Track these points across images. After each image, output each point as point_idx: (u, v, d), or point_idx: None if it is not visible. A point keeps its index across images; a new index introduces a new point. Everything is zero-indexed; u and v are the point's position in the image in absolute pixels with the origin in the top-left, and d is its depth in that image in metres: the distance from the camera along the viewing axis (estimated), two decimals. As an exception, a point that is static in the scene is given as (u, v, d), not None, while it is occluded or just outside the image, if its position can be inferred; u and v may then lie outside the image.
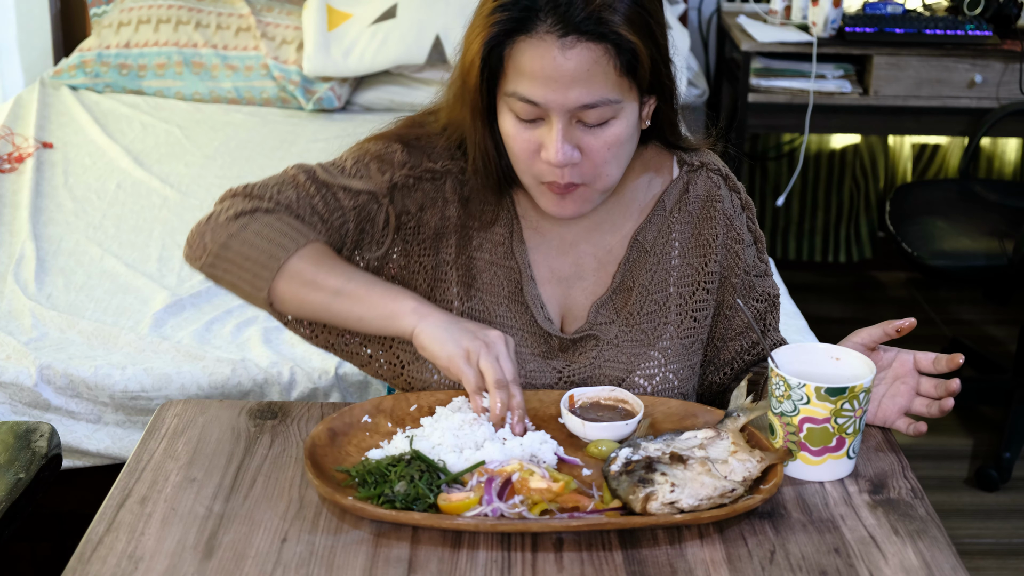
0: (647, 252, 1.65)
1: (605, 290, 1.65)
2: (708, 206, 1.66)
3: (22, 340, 2.38)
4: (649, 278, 1.65)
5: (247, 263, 1.53)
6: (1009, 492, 3.18)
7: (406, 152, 1.62)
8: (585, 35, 1.43)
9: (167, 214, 3.01)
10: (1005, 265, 3.15)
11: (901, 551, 1.31)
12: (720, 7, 4.13)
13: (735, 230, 1.67)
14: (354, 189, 1.59)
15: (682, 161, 1.68)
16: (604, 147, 1.50)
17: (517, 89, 1.47)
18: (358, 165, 1.62)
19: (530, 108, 1.47)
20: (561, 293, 1.66)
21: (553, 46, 1.44)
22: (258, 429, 1.53)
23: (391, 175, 1.60)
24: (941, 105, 3.73)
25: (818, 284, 4.34)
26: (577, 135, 1.49)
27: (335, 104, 3.78)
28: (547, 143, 1.48)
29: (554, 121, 1.47)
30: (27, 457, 1.77)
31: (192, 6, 3.89)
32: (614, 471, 1.38)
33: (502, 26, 1.46)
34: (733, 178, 1.70)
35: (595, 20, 1.43)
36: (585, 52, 1.44)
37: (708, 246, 1.66)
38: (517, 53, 1.46)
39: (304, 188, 1.59)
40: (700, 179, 1.67)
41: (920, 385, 1.53)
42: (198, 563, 1.27)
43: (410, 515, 1.31)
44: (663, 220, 1.66)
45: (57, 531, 2.40)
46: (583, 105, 1.46)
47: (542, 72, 1.45)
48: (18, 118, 3.56)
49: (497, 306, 1.63)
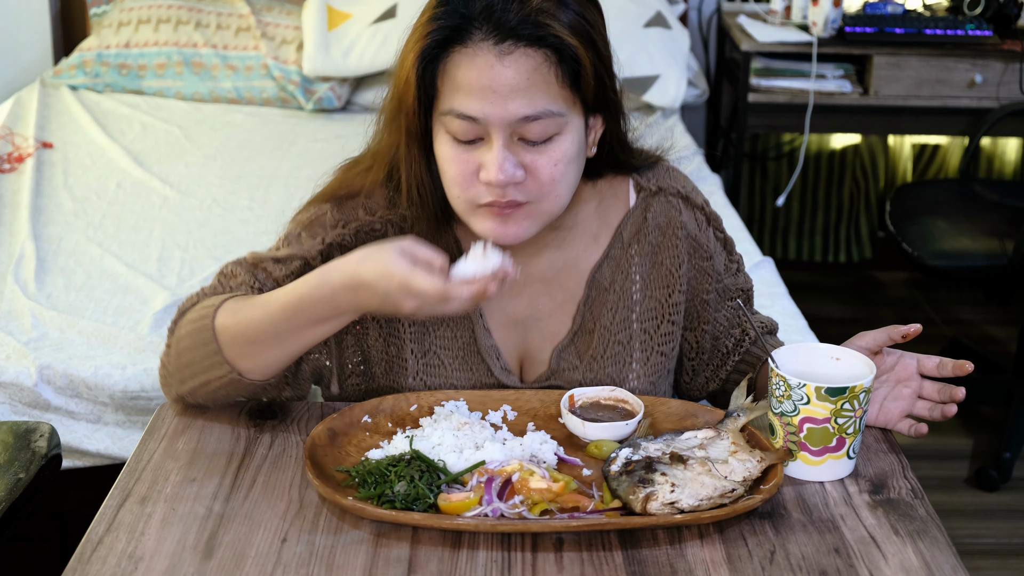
0: (607, 290, 1.60)
1: (565, 333, 1.60)
2: (668, 233, 1.60)
3: (22, 340, 2.38)
4: (611, 318, 1.60)
5: (197, 355, 1.48)
6: (1009, 492, 3.17)
7: (337, 211, 1.56)
8: (523, 40, 1.37)
9: (167, 214, 3.01)
10: (1005, 265, 3.15)
11: (901, 551, 1.31)
12: (720, 7, 4.13)
13: (701, 248, 1.62)
14: (284, 258, 1.54)
15: (639, 186, 1.61)
16: (550, 164, 1.42)
17: (453, 106, 1.40)
18: (289, 238, 1.57)
19: (468, 126, 1.40)
20: (518, 337, 1.61)
21: (490, 54, 1.37)
22: (258, 429, 1.53)
23: (323, 237, 1.55)
24: (941, 105, 3.73)
25: (818, 284, 4.33)
26: (519, 154, 1.41)
27: (335, 104, 3.78)
28: (486, 162, 1.41)
29: (494, 138, 1.40)
30: (27, 457, 1.76)
31: (192, 6, 3.89)
32: (614, 471, 1.38)
33: (436, 36, 1.40)
34: (694, 195, 1.63)
35: (532, 23, 1.37)
36: (524, 59, 1.38)
37: (671, 276, 1.60)
38: (452, 67, 1.40)
39: (229, 273, 1.56)
40: (658, 204, 1.60)
41: (923, 388, 1.52)
42: (198, 563, 1.27)
43: (410, 515, 1.31)
44: (621, 254, 1.60)
45: (57, 531, 2.40)
46: (524, 117, 1.39)
47: (479, 83, 1.38)
48: (18, 118, 3.56)
49: (452, 359, 1.59)
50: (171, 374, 1.52)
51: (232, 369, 1.47)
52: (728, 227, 1.72)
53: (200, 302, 1.53)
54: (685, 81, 3.73)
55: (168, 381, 1.53)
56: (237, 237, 2.89)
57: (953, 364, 1.49)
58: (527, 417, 1.54)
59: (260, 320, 1.45)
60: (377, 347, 1.60)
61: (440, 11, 1.41)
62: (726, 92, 4.17)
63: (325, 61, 3.74)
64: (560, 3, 1.40)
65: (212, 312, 1.47)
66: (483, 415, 1.53)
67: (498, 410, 1.54)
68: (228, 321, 1.46)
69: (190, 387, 1.51)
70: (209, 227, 2.95)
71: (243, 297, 1.50)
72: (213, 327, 1.46)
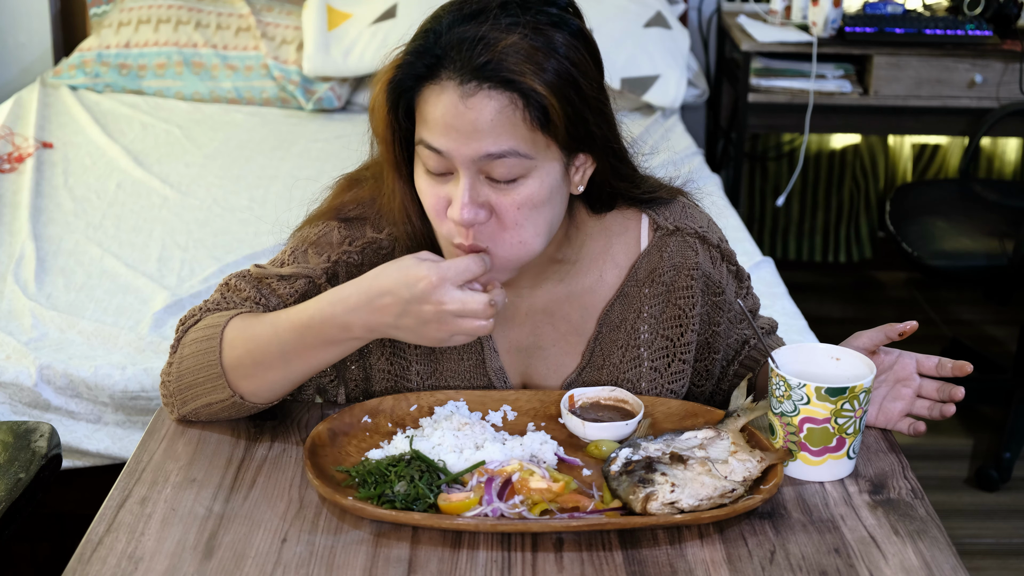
0: (617, 328, 1.59)
1: (573, 367, 1.60)
2: (683, 273, 1.59)
3: (22, 340, 2.38)
4: (620, 356, 1.59)
5: (200, 376, 1.47)
6: (1009, 492, 3.17)
7: (344, 228, 1.55)
8: (487, 82, 1.34)
9: (167, 214, 3.01)
10: (1005, 265, 3.15)
11: (901, 551, 1.31)
12: (720, 7, 4.13)
13: (714, 284, 1.61)
14: (289, 275, 1.53)
15: (655, 225, 1.58)
16: (513, 207, 1.39)
17: (423, 137, 1.39)
18: (295, 254, 1.56)
19: (437, 159, 1.38)
20: (521, 363, 1.61)
21: (454, 94, 1.35)
22: (258, 429, 1.53)
23: (329, 255, 1.54)
24: (941, 105, 3.73)
25: (818, 284, 4.33)
26: (485, 192, 1.39)
27: (335, 104, 3.78)
28: (454, 199, 1.39)
29: (461, 174, 1.38)
30: (27, 457, 1.76)
31: (192, 6, 3.89)
32: (614, 471, 1.38)
33: (406, 70, 1.38)
34: (711, 235, 1.61)
35: (496, 66, 1.34)
36: (486, 101, 1.34)
37: (683, 316, 1.59)
38: (423, 101, 1.39)
39: (233, 287, 1.55)
40: (674, 244, 1.58)
41: (922, 387, 1.52)
42: (198, 563, 1.27)
43: (410, 515, 1.31)
44: (635, 292, 1.58)
45: (57, 531, 2.40)
46: (487, 155, 1.36)
47: (443, 120, 1.36)
48: (18, 118, 3.56)
49: (459, 381, 1.58)
50: (172, 394, 1.51)
51: (234, 393, 1.47)
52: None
53: (203, 319, 1.51)
54: (685, 81, 3.74)
55: (170, 402, 1.52)
56: (237, 237, 2.89)
57: (953, 364, 1.49)
58: (527, 417, 1.54)
59: (268, 339, 1.44)
60: (381, 367, 1.60)
61: (415, 45, 1.40)
62: (726, 92, 4.17)
63: (325, 61, 3.74)
64: (535, 45, 1.35)
65: (219, 331, 1.46)
66: (483, 415, 1.53)
67: (498, 410, 1.54)
68: (236, 339, 1.45)
69: (192, 408, 1.50)
70: (209, 227, 2.95)
71: (251, 314, 1.49)
72: (220, 347, 1.45)
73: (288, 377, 1.46)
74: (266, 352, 1.44)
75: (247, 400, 1.48)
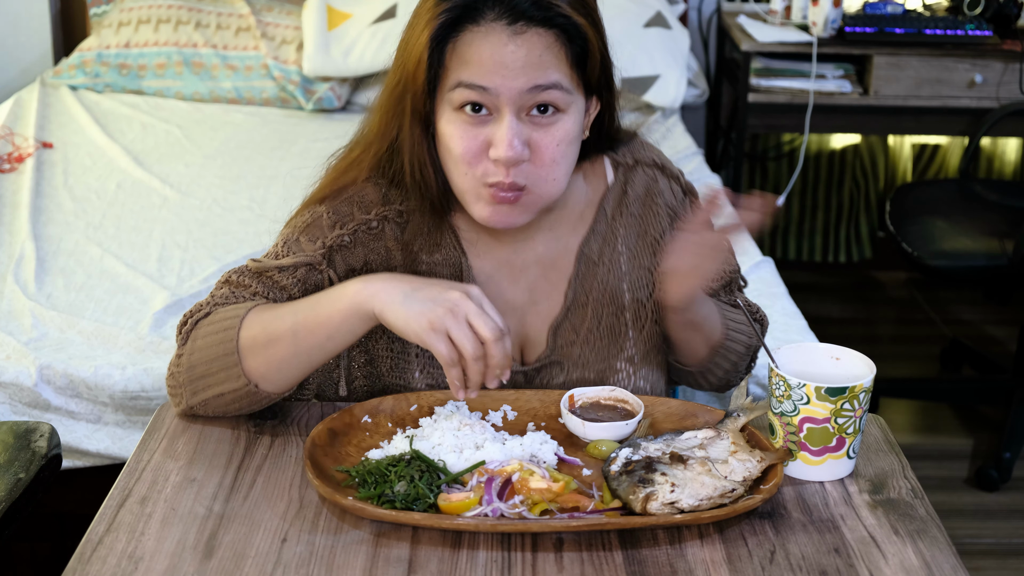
0: (596, 264, 1.62)
1: (559, 310, 1.62)
2: (649, 202, 1.65)
3: (22, 340, 2.38)
4: (602, 290, 1.62)
5: (213, 368, 1.48)
6: (1009, 492, 3.17)
7: (333, 213, 1.57)
8: (534, 21, 1.42)
9: (167, 214, 3.01)
10: (1005, 265, 3.15)
11: (901, 551, 1.31)
12: (720, 7, 4.13)
13: (681, 219, 1.65)
14: (288, 266, 1.55)
15: (615, 162, 1.65)
16: (553, 143, 1.46)
17: (463, 78, 1.43)
18: (288, 244, 1.57)
19: (478, 96, 1.43)
20: (516, 322, 1.62)
21: (503, 33, 1.42)
22: (258, 429, 1.53)
23: (323, 240, 1.56)
24: (941, 105, 3.73)
25: (818, 284, 4.33)
26: (527, 131, 1.45)
27: (335, 104, 3.78)
28: (497, 138, 1.44)
29: (505, 113, 1.44)
30: (27, 457, 1.76)
31: (192, 6, 3.89)
32: (614, 471, 1.38)
33: (448, 16, 1.43)
34: (669, 166, 1.68)
35: (542, 6, 1.43)
36: (535, 38, 1.43)
37: (656, 244, 1.64)
38: (463, 45, 1.43)
39: (237, 283, 1.56)
40: (636, 177, 1.65)
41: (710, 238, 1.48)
42: (198, 563, 1.27)
43: (410, 515, 1.31)
44: (606, 227, 1.63)
45: (57, 531, 2.40)
46: (536, 86, 1.43)
47: (491, 59, 1.42)
48: (18, 118, 3.56)
49: None
50: (181, 385, 1.51)
51: (249, 381, 1.47)
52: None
53: (214, 312, 1.51)
54: (685, 81, 3.73)
55: (177, 392, 1.52)
56: (237, 237, 2.89)
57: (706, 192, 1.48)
58: (527, 417, 1.54)
59: (283, 314, 1.46)
60: (382, 344, 1.61)
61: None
62: (726, 92, 4.17)
63: (325, 61, 3.74)
64: None
65: (238, 321, 1.47)
66: (483, 415, 1.53)
67: (498, 410, 1.54)
68: (254, 323, 1.47)
69: (202, 399, 1.50)
70: (209, 227, 2.95)
71: (266, 306, 1.50)
72: (238, 337, 1.46)
73: (297, 354, 1.46)
74: (279, 326, 1.45)
75: (262, 389, 1.48)
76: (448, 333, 1.37)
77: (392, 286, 1.42)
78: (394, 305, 1.39)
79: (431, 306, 1.38)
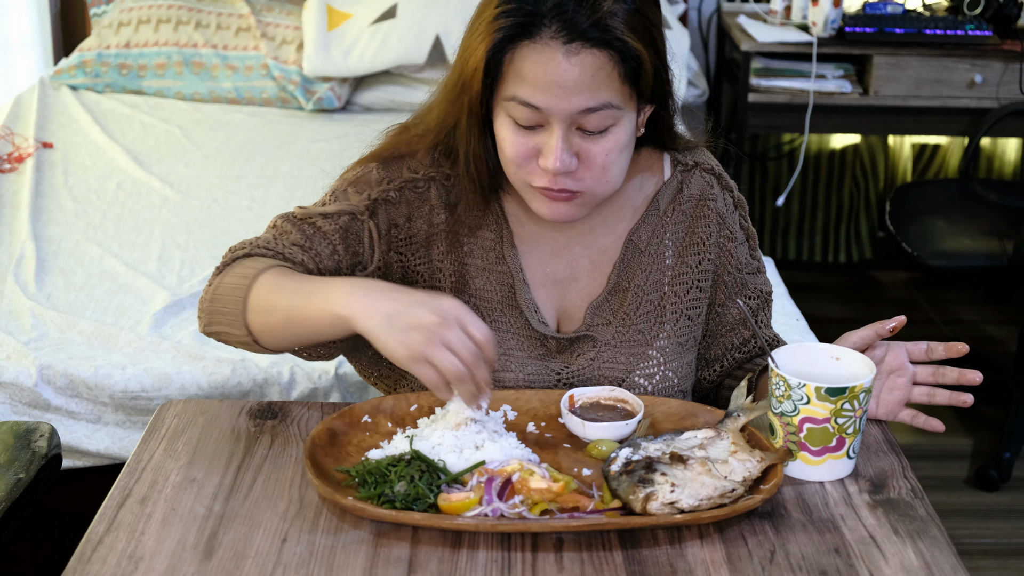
0: (641, 252, 1.65)
1: (600, 291, 1.65)
2: (701, 205, 1.67)
3: (22, 340, 2.38)
4: (644, 278, 1.65)
5: (225, 309, 1.52)
6: (1009, 492, 3.18)
7: (382, 168, 1.61)
8: (590, 42, 1.44)
9: (167, 214, 3.01)
10: (1005, 265, 3.15)
11: (901, 551, 1.31)
12: (720, 7, 4.13)
13: (728, 228, 1.68)
14: (332, 213, 1.58)
15: (675, 161, 1.68)
16: (603, 153, 1.49)
17: (517, 93, 1.47)
18: (336, 194, 1.62)
19: (531, 113, 1.47)
20: (556, 296, 1.65)
21: (558, 52, 1.44)
22: (258, 429, 1.53)
23: (368, 193, 1.60)
24: (941, 105, 3.73)
25: (818, 284, 4.34)
26: (576, 142, 1.48)
27: (335, 104, 3.78)
28: (546, 150, 1.48)
29: (555, 127, 1.47)
30: (27, 457, 1.77)
31: (192, 6, 3.89)
32: (614, 471, 1.38)
33: (506, 32, 1.45)
34: (726, 176, 1.70)
35: (600, 27, 1.44)
36: (590, 59, 1.44)
37: (702, 244, 1.66)
38: (519, 59, 1.46)
39: (280, 228, 1.60)
40: (694, 178, 1.67)
41: (917, 375, 1.55)
42: (198, 563, 1.27)
43: (410, 515, 1.31)
44: (657, 220, 1.66)
45: (57, 531, 2.40)
46: (586, 109, 1.45)
47: (545, 78, 1.44)
48: (18, 118, 3.56)
49: (491, 311, 1.63)
50: (204, 311, 1.56)
51: (249, 333, 1.51)
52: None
53: (251, 255, 1.55)
54: (685, 81, 3.73)
55: (202, 315, 1.57)
56: (237, 237, 2.88)
57: (944, 346, 1.51)
58: (527, 417, 1.54)
59: (287, 289, 1.48)
60: None
61: (510, 7, 1.46)
62: (726, 92, 4.17)
63: (325, 61, 3.74)
64: (629, 8, 1.46)
65: (252, 278, 1.50)
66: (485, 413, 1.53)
67: (498, 410, 1.54)
68: (262, 292, 1.50)
69: (214, 330, 1.55)
70: (209, 227, 2.95)
71: (280, 271, 1.51)
72: (248, 292, 1.50)
73: (288, 332, 1.49)
74: (278, 301, 1.48)
75: (259, 345, 1.52)
76: (430, 361, 1.36)
77: (373, 307, 1.40)
78: (377, 331, 1.39)
79: (410, 335, 1.37)
